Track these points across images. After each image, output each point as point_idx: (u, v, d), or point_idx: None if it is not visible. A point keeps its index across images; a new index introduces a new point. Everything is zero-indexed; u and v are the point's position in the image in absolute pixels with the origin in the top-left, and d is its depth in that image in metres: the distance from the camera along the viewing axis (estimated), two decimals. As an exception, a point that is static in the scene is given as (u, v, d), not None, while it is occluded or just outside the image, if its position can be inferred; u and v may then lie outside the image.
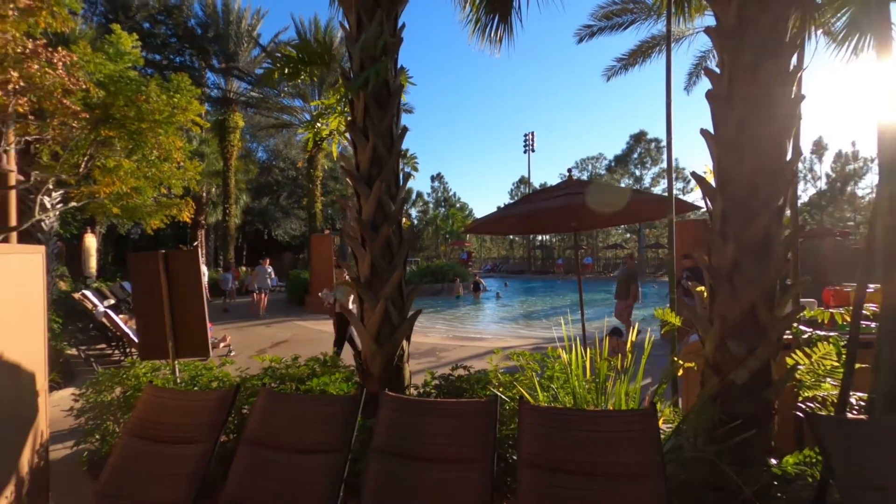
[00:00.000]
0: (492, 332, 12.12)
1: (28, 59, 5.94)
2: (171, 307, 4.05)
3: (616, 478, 1.92)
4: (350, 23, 3.34)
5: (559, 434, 2.03)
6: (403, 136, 3.43)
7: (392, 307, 3.20)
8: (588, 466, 1.94)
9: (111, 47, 7.94)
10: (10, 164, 7.83)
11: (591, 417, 2.06)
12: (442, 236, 44.16)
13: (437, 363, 7.08)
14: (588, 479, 1.92)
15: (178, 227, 20.31)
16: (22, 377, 2.66)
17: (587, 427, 2.03)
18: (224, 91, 23.15)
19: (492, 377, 3.26)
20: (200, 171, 9.91)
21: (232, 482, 2.23)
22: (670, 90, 3.94)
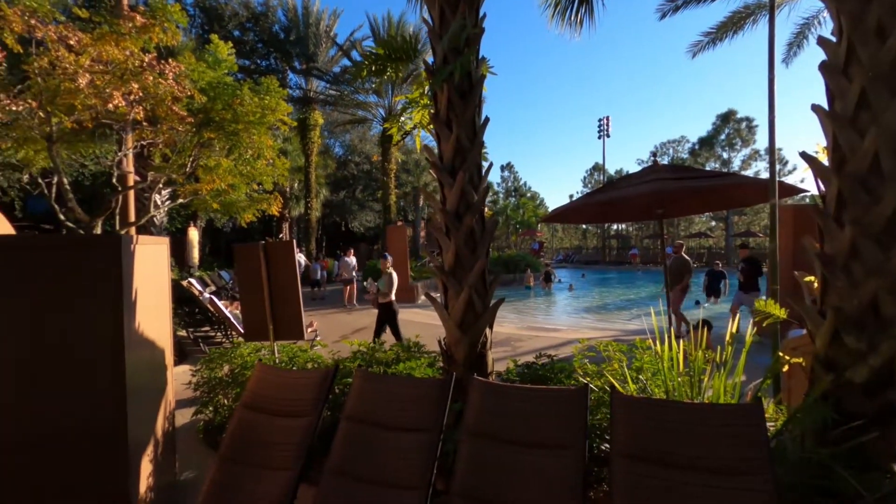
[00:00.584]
0: (566, 322, 11.90)
1: (144, 72, 6.66)
2: (271, 293, 4.41)
3: (717, 474, 1.85)
4: (433, 17, 3.41)
5: (655, 426, 1.99)
6: (485, 126, 3.46)
7: (475, 295, 3.26)
8: (686, 460, 1.89)
9: (210, 56, 8.65)
10: (129, 167, 8.86)
11: (689, 410, 1.99)
12: (512, 226, 43.73)
13: (512, 352, 7.09)
14: (686, 473, 1.87)
15: (266, 220, 21.86)
16: (155, 353, 3.05)
17: (685, 420, 1.97)
18: (304, 91, 24.43)
19: (577, 366, 3.23)
20: (287, 168, 10.58)
21: (334, 453, 2.41)
22: (773, 61, 3.62)
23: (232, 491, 2.39)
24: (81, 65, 6.13)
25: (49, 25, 6.20)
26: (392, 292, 7.27)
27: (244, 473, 2.44)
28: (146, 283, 2.82)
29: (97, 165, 12.76)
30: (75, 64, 6.09)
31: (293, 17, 23.96)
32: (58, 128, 6.67)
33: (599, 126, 41.20)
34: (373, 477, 2.23)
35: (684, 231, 40.60)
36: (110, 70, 6.45)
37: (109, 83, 6.36)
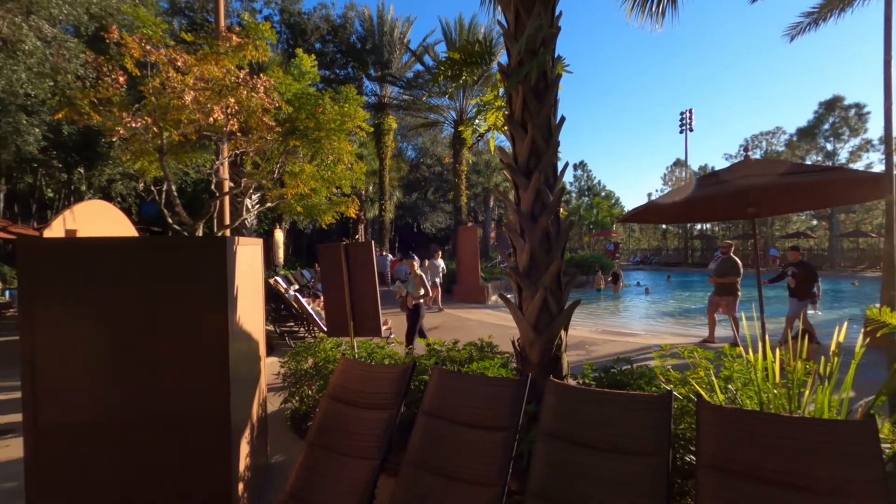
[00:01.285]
0: (643, 327, 11.35)
1: (239, 87, 7.27)
2: (351, 291, 4.64)
3: (818, 494, 1.70)
4: (508, 19, 3.43)
5: (746, 437, 1.87)
6: (561, 126, 3.41)
7: (550, 297, 3.24)
8: (782, 477, 1.76)
9: (295, 69, 9.26)
10: (225, 174, 9.68)
11: (786, 423, 1.85)
12: (585, 227, 42.38)
13: (587, 356, 6.91)
14: (781, 491, 1.75)
15: (343, 222, 22.92)
16: (251, 345, 3.33)
17: (782, 433, 1.84)
18: (379, 97, 25.32)
19: (658, 372, 3.10)
20: (364, 171, 11.04)
21: (412, 446, 2.51)
22: (891, 41, 3.25)
23: (319, 475, 2.56)
24: (187, 83, 6.82)
25: (161, 49, 6.96)
26: (420, 294, 7.35)
27: (330, 460, 2.60)
28: (244, 281, 3.10)
29: (198, 173, 14.08)
30: (182, 83, 6.79)
31: (369, 26, 24.95)
32: (167, 141, 7.46)
33: (681, 119, 38.84)
34: (449, 471, 2.30)
35: (780, 230, 37.15)
36: (210, 87, 7.12)
37: (210, 99, 7.01)
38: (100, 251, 2.46)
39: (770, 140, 38.44)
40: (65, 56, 10.51)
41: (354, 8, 25.73)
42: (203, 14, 20.98)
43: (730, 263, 8.12)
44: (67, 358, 2.38)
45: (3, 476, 3.70)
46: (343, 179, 10.08)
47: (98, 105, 7.12)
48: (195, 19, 21.04)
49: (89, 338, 2.42)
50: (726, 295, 8.01)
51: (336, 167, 9.70)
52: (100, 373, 2.43)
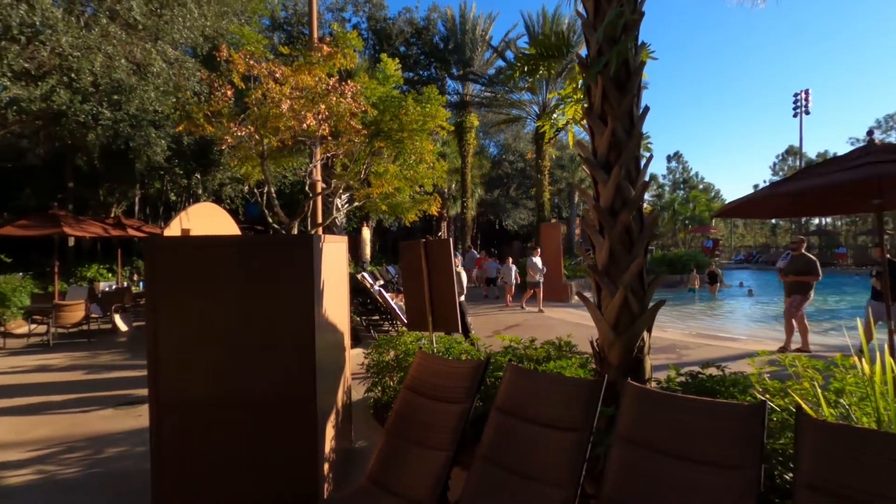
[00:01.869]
0: (746, 331, 10.38)
1: (329, 94, 7.74)
2: (429, 287, 4.77)
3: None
4: (587, 8, 3.32)
5: (854, 459, 1.66)
6: (644, 116, 3.24)
7: (632, 296, 3.09)
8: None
9: (380, 73, 9.65)
10: (317, 176, 10.36)
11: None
12: (681, 222, 39.54)
13: (677, 360, 6.48)
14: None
15: (426, 219, 23.48)
16: (336, 336, 3.55)
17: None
18: (461, 95, 25.57)
19: (754, 381, 2.83)
20: (446, 170, 11.24)
21: (485, 441, 2.54)
22: None
23: (397, 462, 2.68)
24: (284, 93, 7.39)
25: (262, 64, 7.61)
26: None
27: (407, 449, 2.71)
28: (330, 276, 3.31)
29: (294, 176, 15.20)
30: (280, 93, 7.37)
31: (451, 26, 25.25)
32: (267, 147, 8.14)
33: (795, 102, 34.80)
34: (520, 469, 2.30)
35: (922, 225, 31.97)
36: (304, 95, 7.66)
37: (303, 106, 7.54)
38: (208, 247, 2.77)
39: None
40: (184, 75, 11.87)
41: (437, 9, 26.22)
42: (299, 27, 22.57)
43: (804, 261, 7.22)
44: (182, 341, 2.71)
45: (139, 441, 4.31)
46: (425, 178, 10.35)
47: (210, 117, 7.96)
48: (292, 33, 22.71)
49: (199, 324, 2.74)
50: (796, 293, 7.12)
51: (418, 166, 9.98)
52: (208, 355, 2.74)
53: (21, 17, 8.56)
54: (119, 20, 10.59)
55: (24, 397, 5.81)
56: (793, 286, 7.27)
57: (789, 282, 7.33)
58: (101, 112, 11.22)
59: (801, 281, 7.15)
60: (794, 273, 7.27)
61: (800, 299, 7.14)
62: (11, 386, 6.40)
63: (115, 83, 10.95)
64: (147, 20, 10.80)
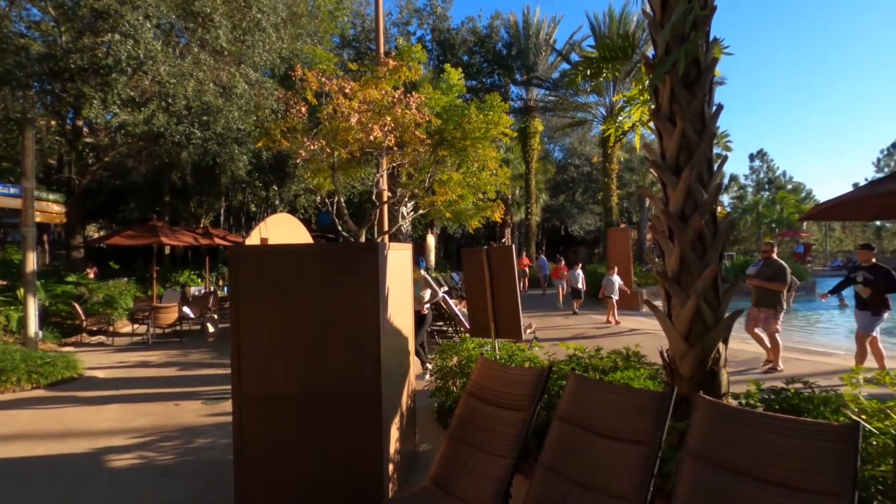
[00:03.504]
0: (843, 345, 9.38)
1: (395, 106, 8.02)
2: (492, 294, 4.78)
3: None
4: (654, 6, 3.21)
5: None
6: (717, 115, 3.07)
7: (705, 305, 2.92)
8: None
9: (444, 83, 9.84)
10: (384, 185, 10.72)
11: None
12: (766, 225, 36.51)
13: (761, 376, 6.00)
14: None
15: (490, 226, 23.48)
16: (401, 340, 3.67)
17: None
18: (525, 101, 25.39)
19: (848, 400, 2.58)
20: (508, 177, 11.21)
21: (547, 450, 2.51)
22: None
23: (459, 466, 2.71)
24: (353, 107, 7.76)
25: (333, 80, 8.04)
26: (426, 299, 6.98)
27: (468, 453, 2.74)
28: (395, 282, 3.43)
29: (362, 185, 15.82)
30: (349, 107, 7.75)
31: (514, 32, 25.21)
32: (338, 159, 8.57)
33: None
34: (583, 480, 2.25)
35: None
36: (371, 108, 7.99)
37: (371, 119, 7.88)
38: (284, 255, 2.99)
39: None
40: (263, 94, 12.78)
41: (500, 16, 26.31)
42: (366, 43, 23.54)
43: (774, 267, 6.49)
44: (260, 341, 2.94)
45: (223, 433, 4.68)
46: (488, 185, 10.39)
47: (286, 133, 8.52)
48: (360, 49, 23.73)
49: (275, 325, 2.95)
50: (767, 306, 6.38)
51: (481, 173, 10.04)
52: (283, 353, 2.94)
53: (128, 52, 9.66)
54: (208, 48, 11.63)
55: (128, 389, 6.50)
56: (761, 296, 6.53)
57: (756, 289, 6.59)
58: (192, 132, 12.35)
59: (770, 289, 6.39)
60: (766, 279, 6.50)
61: (772, 313, 6.39)
62: (118, 379, 7.17)
63: (205, 105, 12.01)
64: (232, 46, 11.77)
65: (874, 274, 5.88)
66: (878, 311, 5.91)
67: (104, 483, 3.78)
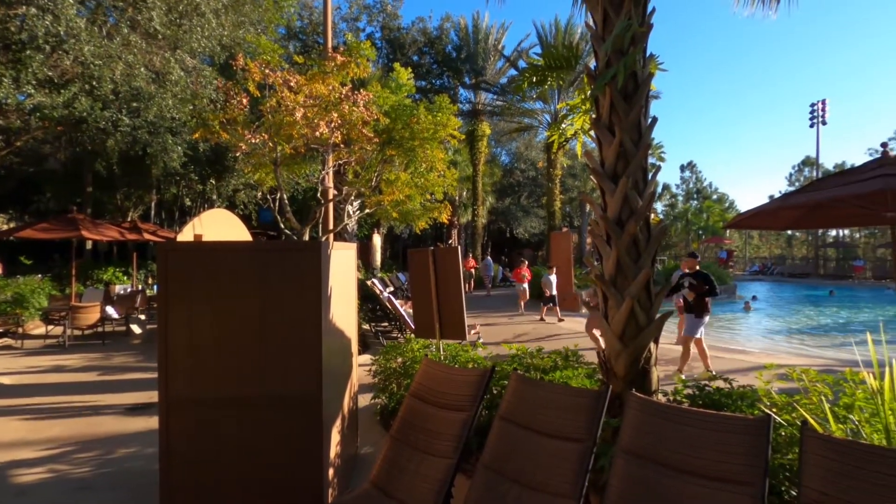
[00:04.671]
0: (759, 345, 10.24)
1: (342, 102, 7.84)
2: (437, 295, 4.79)
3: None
4: (595, 20, 3.35)
5: (864, 476, 1.64)
6: (652, 127, 3.25)
7: (638, 307, 3.08)
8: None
9: (393, 82, 9.75)
10: (329, 183, 10.47)
11: (914, 463, 1.60)
12: (694, 232, 39.11)
13: (687, 373, 6.40)
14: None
15: (437, 227, 23.54)
16: (344, 341, 3.59)
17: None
18: (473, 104, 25.70)
19: (762, 395, 2.81)
20: (456, 178, 11.29)
21: (488, 450, 2.54)
22: None
23: (400, 469, 2.69)
24: (298, 101, 7.51)
25: (277, 72, 7.74)
26: None
27: (410, 455, 2.72)
28: (339, 282, 3.36)
29: (307, 182, 15.38)
30: (294, 101, 7.49)
31: (464, 35, 25.44)
32: (281, 154, 8.26)
33: (812, 112, 34.39)
34: (522, 478, 2.30)
35: (944, 238, 31.24)
36: (317, 103, 7.77)
37: (317, 114, 7.65)
38: (219, 252, 2.84)
39: (931, 131, 32.58)
40: (201, 83, 12.12)
41: (450, 19, 26.46)
42: (314, 37, 22.92)
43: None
44: (192, 343, 2.77)
45: (149, 441, 4.37)
46: (436, 186, 10.40)
47: (226, 124, 8.11)
48: (307, 42, 23.07)
49: (209, 327, 2.79)
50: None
51: (429, 174, 10.04)
52: (217, 357, 2.79)
53: (46, 28, 8.83)
54: (140, 30, 10.86)
55: (40, 397, 5.93)
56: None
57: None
58: (120, 119, 11.48)
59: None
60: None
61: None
62: (27, 386, 6.53)
63: (135, 91, 11.21)
64: (167, 30, 11.06)
65: (697, 280, 6.51)
66: (700, 314, 6.51)
67: (8, 500, 3.43)
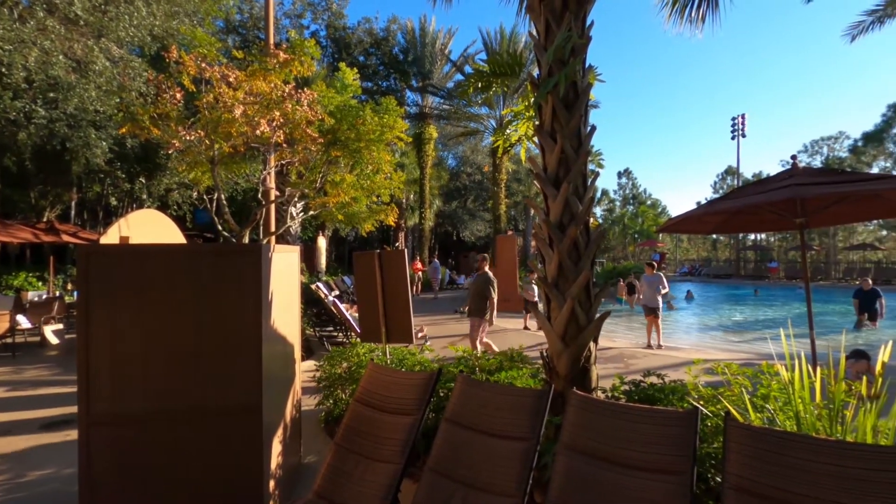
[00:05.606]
0: (690, 342, 10.93)
1: (285, 101, 7.60)
2: (384, 298, 4.74)
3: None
4: (538, 30, 3.45)
5: (778, 460, 1.79)
6: (591, 135, 3.39)
7: (579, 308, 3.20)
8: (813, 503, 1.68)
9: (338, 82, 9.57)
10: (271, 183, 10.10)
11: (826, 448, 1.76)
12: (630, 236, 41.19)
13: (625, 370, 6.72)
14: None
15: (384, 230, 23.34)
16: (286, 347, 3.47)
17: (819, 458, 1.74)
18: (420, 107, 25.73)
19: (691, 388, 3.00)
20: (403, 181, 11.25)
21: (434, 453, 2.54)
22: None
23: (344, 476, 2.63)
24: (237, 98, 7.20)
25: (214, 67, 7.39)
26: None
27: (356, 462, 2.67)
28: (280, 286, 3.24)
29: (247, 182, 14.77)
30: (233, 97, 7.17)
31: (411, 38, 25.46)
32: (218, 152, 7.88)
33: (733, 125, 37.22)
34: (469, 479, 2.31)
35: (843, 242, 34.81)
36: (258, 101, 7.49)
37: (258, 112, 7.37)
38: (148, 256, 2.66)
39: (832, 145, 36.25)
40: (129, 75, 11.34)
41: (397, 21, 26.37)
42: (255, 32, 22.08)
43: (483, 280, 7.25)
44: (116, 353, 2.57)
45: (67, 462, 4.01)
46: (382, 188, 10.31)
47: (157, 119, 7.63)
48: (247, 37, 22.18)
49: (136, 335, 2.61)
50: (475, 315, 7.19)
51: (375, 176, 9.94)
52: (145, 367, 2.61)
53: (-55, 6, 7.95)
54: (58, 14, 10.01)
55: (-65, 418, 5.29)
56: (471, 307, 7.26)
57: (470, 300, 7.34)
58: (34, 110, 10.52)
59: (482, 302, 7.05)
60: (473, 292, 7.28)
61: (478, 322, 7.07)
62: (-81, 405, 5.80)
63: (52, 80, 10.31)
64: (89, 16, 10.26)
65: None
66: None
67: None
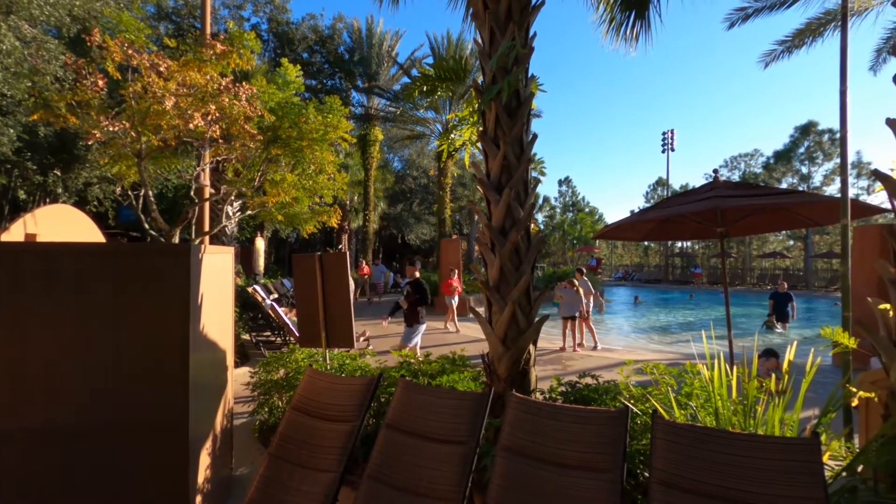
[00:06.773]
0: (622, 343, 11.49)
1: (221, 94, 7.24)
2: (324, 302, 4.61)
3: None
4: (483, 38, 3.51)
5: (698, 454, 1.91)
6: (533, 143, 3.48)
7: (519, 311, 3.27)
8: (731, 493, 1.80)
9: (280, 78, 9.25)
10: (205, 181, 9.58)
11: (737, 441, 1.89)
12: (569, 242, 42.79)
13: (562, 371, 6.95)
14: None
15: (327, 231, 22.80)
16: (217, 354, 3.28)
17: (732, 451, 1.87)
18: (366, 108, 25.42)
19: (622, 389, 3.14)
20: (346, 182, 11.04)
21: (374, 460, 2.49)
22: (846, 72, 3.41)
23: (279, 487, 2.52)
24: (168, 89, 6.76)
25: (143, 54, 6.90)
26: None
27: (291, 472, 2.57)
28: (212, 289, 3.07)
29: (179, 179, 13.91)
30: (163, 88, 6.73)
31: (357, 38, 25.13)
32: (146, 145, 7.36)
33: (663, 139, 39.71)
34: (409, 485, 2.29)
35: (757, 250, 38.03)
36: (192, 93, 7.07)
37: (191, 105, 6.96)
38: (56, 255, 2.42)
39: (749, 162, 39.52)
40: (44, 57, 10.37)
41: (343, 19, 25.93)
42: (190, 20, 20.90)
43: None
44: (17, 362, 2.32)
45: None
46: (325, 189, 10.07)
47: (75, 107, 7.01)
48: (182, 25, 20.96)
49: (42, 344, 2.37)
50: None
51: (318, 176, 9.68)
52: (51, 379, 2.37)
53: None
54: (-42, -15, 8.99)
55: None
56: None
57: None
58: (-74, 90, 9.37)
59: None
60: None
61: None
62: None
63: (-51, 58, 9.23)
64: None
65: (413, 288, 6.94)
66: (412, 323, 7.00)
67: None
